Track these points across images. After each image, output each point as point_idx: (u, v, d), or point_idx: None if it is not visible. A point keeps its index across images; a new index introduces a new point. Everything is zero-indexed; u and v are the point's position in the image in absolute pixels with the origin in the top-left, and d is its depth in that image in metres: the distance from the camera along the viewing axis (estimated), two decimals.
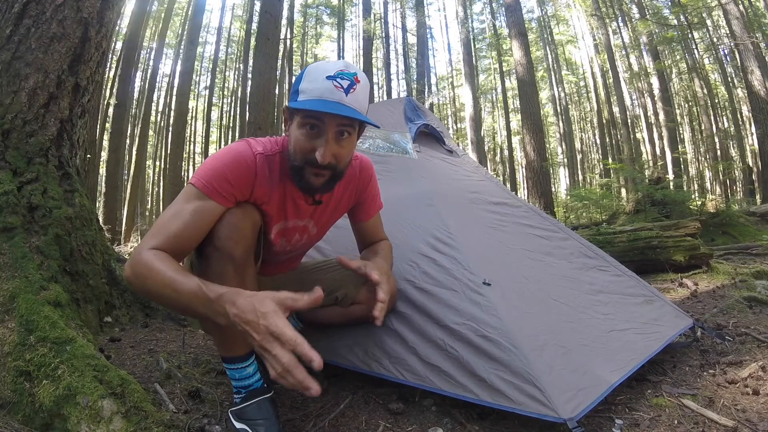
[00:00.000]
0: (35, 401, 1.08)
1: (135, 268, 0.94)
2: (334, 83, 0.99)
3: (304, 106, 1.00)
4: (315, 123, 1.02)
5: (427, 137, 2.24)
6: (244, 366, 1.14)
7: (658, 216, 6.07)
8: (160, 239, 0.97)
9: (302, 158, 1.05)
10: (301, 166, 1.05)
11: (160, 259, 0.93)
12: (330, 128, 1.01)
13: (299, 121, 1.03)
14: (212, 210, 1.03)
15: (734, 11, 10.01)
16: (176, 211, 1.01)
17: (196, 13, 12.70)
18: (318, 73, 1.01)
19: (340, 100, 0.99)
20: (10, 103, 1.64)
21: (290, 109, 1.06)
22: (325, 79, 0.99)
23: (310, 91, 1.00)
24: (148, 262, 0.93)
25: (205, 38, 21.21)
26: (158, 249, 0.96)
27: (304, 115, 1.02)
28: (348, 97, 1.00)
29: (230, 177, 1.04)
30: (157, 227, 1.00)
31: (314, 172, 1.05)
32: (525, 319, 1.30)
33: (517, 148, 22.47)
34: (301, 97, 1.02)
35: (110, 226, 7.75)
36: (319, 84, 1.00)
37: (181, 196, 1.04)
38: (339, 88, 0.99)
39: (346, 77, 1.00)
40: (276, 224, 1.18)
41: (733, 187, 17.47)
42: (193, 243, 1.03)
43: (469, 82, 15.32)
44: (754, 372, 1.40)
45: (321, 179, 1.07)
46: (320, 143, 1.02)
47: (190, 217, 1.00)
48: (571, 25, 22.12)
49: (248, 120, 7.76)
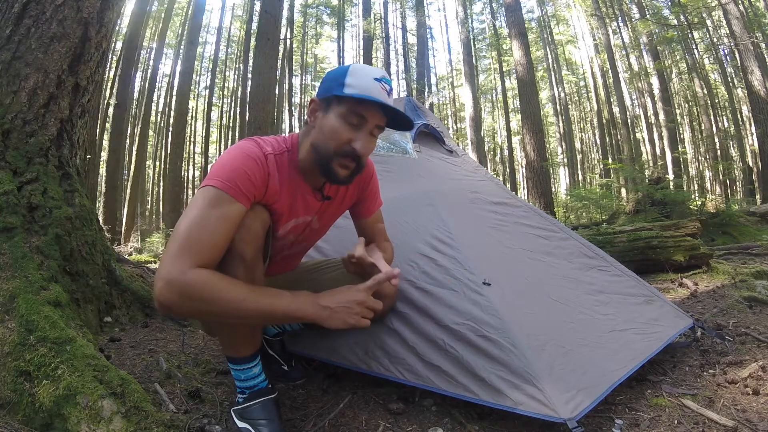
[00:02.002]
0: (35, 401, 1.08)
1: (185, 293, 0.88)
2: (381, 85, 1.05)
3: (364, 96, 1.02)
4: (359, 117, 1.05)
5: (427, 137, 2.24)
6: (250, 366, 1.14)
7: (658, 216, 6.07)
8: (194, 255, 0.91)
9: (336, 146, 1.06)
10: (331, 156, 1.07)
11: (225, 281, 0.93)
12: (372, 124, 1.07)
13: (344, 111, 1.05)
14: (238, 213, 0.99)
15: (734, 11, 10.01)
16: (201, 218, 0.95)
17: (196, 13, 12.71)
18: (365, 72, 1.06)
19: (386, 101, 1.05)
20: (10, 103, 1.64)
21: (329, 100, 1.08)
22: (372, 79, 1.05)
23: (359, 87, 1.04)
24: (211, 284, 0.90)
25: (205, 38, 21.26)
26: (202, 267, 0.91)
27: (354, 106, 1.05)
28: (390, 99, 1.08)
29: (251, 176, 1.03)
30: (184, 240, 0.92)
31: (342, 163, 1.07)
32: (525, 319, 1.30)
33: (517, 148, 22.48)
34: (348, 90, 1.03)
35: (110, 226, 7.76)
36: (367, 82, 1.04)
37: (201, 201, 0.97)
38: (384, 90, 1.06)
39: (387, 83, 1.08)
40: (287, 222, 1.17)
41: (733, 187, 17.47)
42: (224, 250, 0.99)
43: (469, 82, 15.32)
44: (754, 372, 1.40)
45: (346, 171, 1.09)
46: (360, 136, 1.06)
47: (220, 224, 0.96)
48: (571, 25, 22.14)
49: (248, 120, 7.76)
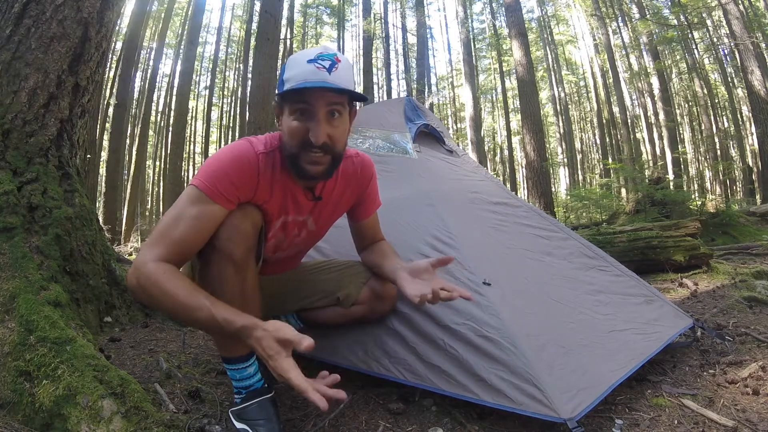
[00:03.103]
0: (35, 401, 1.08)
1: (141, 281, 0.93)
2: (316, 65, 0.99)
3: (298, 86, 0.99)
4: (305, 107, 1.02)
5: (427, 137, 2.24)
6: (245, 366, 1.14)
7: (658, 216, 6.06)
8: (163, 248, 0.96)
9: (298, 143, 1.04)
10: (297, 152, 1.05)
11: (169, 279, 0.93)
12: (320, 108, 1.02)
13: (289, 109, 1.04)
14: (215, 214, 1.02)
15: (734, 11, 10.01)
16: (178, 215, 1.00)
17: (196, 13, 12.70)
18: (298, 59, 1.03)
19: (324, 80, 0.99)
20: (10, 103, 1.64)
21: (279, 101, 1.06)
22: (306, 63, 1.00)
23: (294, 78, 1.01)
24: (156, 279, 0.92)
25: (205, 38, 21.22)
26: (163, 260, 0.95)
27: (292, 101, 1.03)
28: (331, 75, 1.00)
29: (234, 179, 1.03)
30: (159, 232, 0.99)
31: (312, 159, 1.04)
32: (525, 319, 1.30)
33: (517, 148, 22.47)
34: (286, 86, 1.02)
35: (110, 226, 7.76)
36: (301, 68, 1.00)
37: (183, 198, 1.03)
38: (321, 69, 0.99)
39: (326, 58, 1.00)
40: (276, 220, 1.17)
41: (733, 187, 17.47)
42: (196, 248, 1.02)
43: (469, 82, 15.32)
44: (754, 372, 1.40)
45: (319, 167, 1.06)
46: (312, 125, 1.02)
47: (193, 222, 0.99)
48: (571, 25, 22.14)
49: (248, 120, 7.76)
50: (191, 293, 0.93)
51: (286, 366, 0.85)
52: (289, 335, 0.86)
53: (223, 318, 0.90)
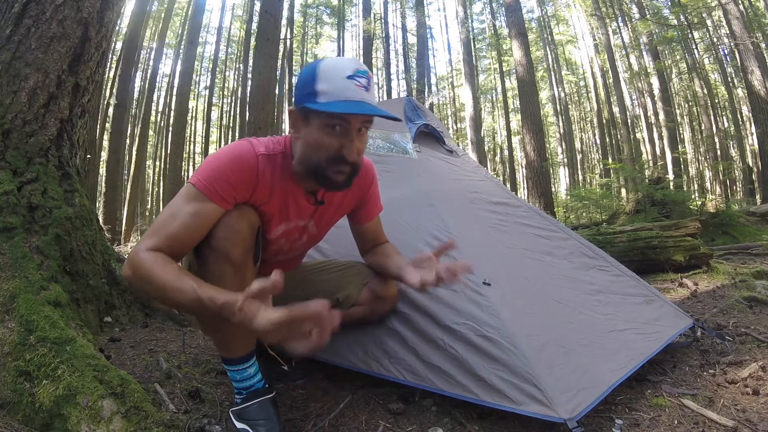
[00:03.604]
0: (35, 401, 1.08)
1: (134, 268, 0.94)
2: (355, 83, 0.99)
3: (334, 109, 0.98)
4: (341, 123, 1.01)
5: (427, 137, 2.24)
6: (245, 367, 1.14)
7: (658, 216, 6.06)
8: (157, 239, 0.97)
9: (327, 157, 1.03)
10: (324, 167, 1.04)
11: (159, 264, 0.93)
12: (355, 126, 1.02)
13: (322, 122, 1.02)
14: (211, 212, 1.02)
15: (734, 11, 10.01)
16: (175, 211, 1.01)
17: (196, 13, 12.69)
18: (335, 72, 1.00)
19: (363, 99, 0.99)
20: (10, 103, 1.64)
21: (306, 110, 1.03)
22: (345, 78, 0.99)
23: (332, 92, 0.99)
24: (147, 265, 0.93)
25: (205, 38, 21.22)
26: (156, 250, 0.96)
27: (330, 116, 1.01)
28: (368, 94, 1.00)
29: (232, 178, 1.03)
30: (155, 226, 1.00)
31: (337, 170, 1.05)
32: (525, 319, 1.30)
33: (517, 148, 22.47)
34: (322, 98, 0.99)
35: (110, 226, 7.75)
36: (340, 84, 0.99)
37: (181, 196, 1.03)
38: (360, 87, 0.99)
39: (363, 75, 1.00)
40: (278, 225, 1.17)
41: (733, 187, 17.48)
42: (190, 245, 1.02)
43: (469, 82, 15.32)
44: (754, 372, 1.40)
45: (343, 176, 1.07)
46: (346, 141, 1.02)
47: (189, 219, 1.00)
48: (571, 25, 22.13)
49: (248, 120, 7.76)
50: (179, 276, 0.92)
51: (270, 314, 0.81)
52: (257, 285, 0.83)
53: (207, 296, 0.87)
